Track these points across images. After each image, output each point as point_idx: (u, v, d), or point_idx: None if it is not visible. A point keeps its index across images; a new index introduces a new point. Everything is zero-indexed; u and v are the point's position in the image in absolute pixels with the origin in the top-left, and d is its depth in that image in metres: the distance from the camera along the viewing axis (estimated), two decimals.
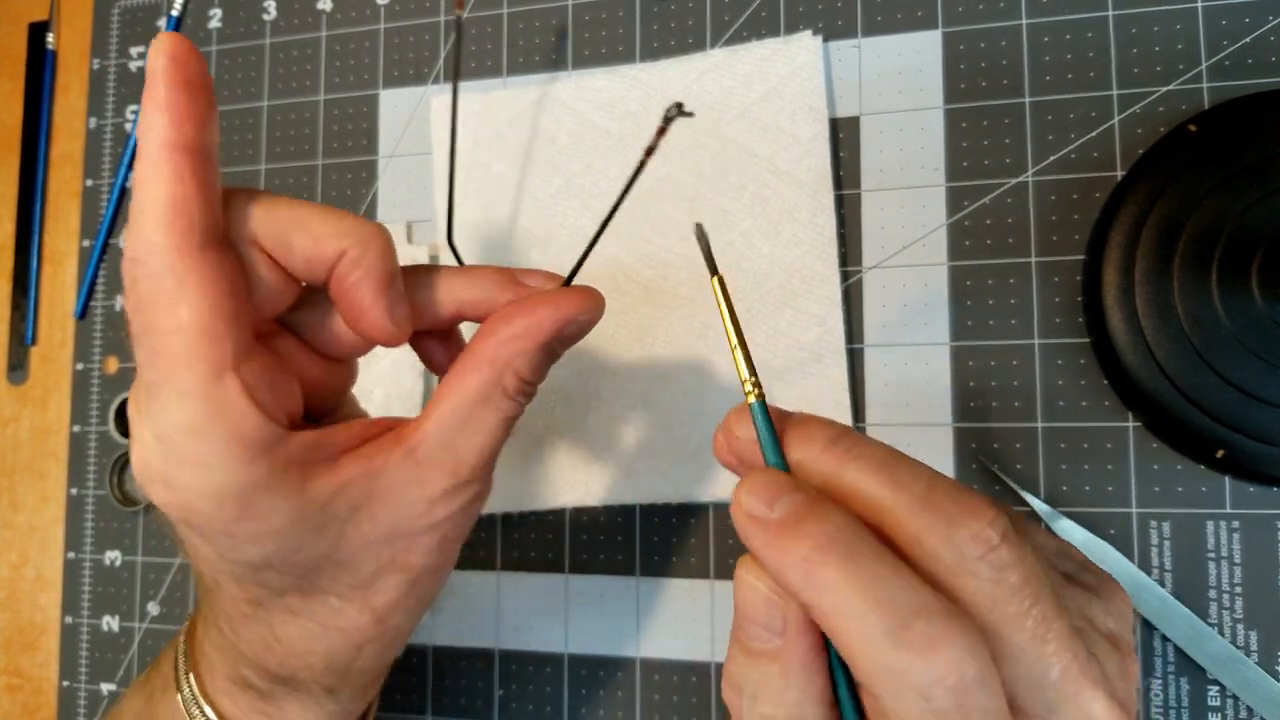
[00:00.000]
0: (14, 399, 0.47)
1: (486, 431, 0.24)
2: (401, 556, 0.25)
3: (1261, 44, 0.34)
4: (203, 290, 0.21)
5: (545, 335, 0.24)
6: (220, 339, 0.21)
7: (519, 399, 0.25)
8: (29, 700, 0.45)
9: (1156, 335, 0.32)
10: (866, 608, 0.17)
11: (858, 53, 0.37)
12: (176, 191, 0.21)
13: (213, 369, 0.21)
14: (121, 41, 0.47)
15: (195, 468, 0.21)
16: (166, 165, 0.21)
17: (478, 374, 0.24)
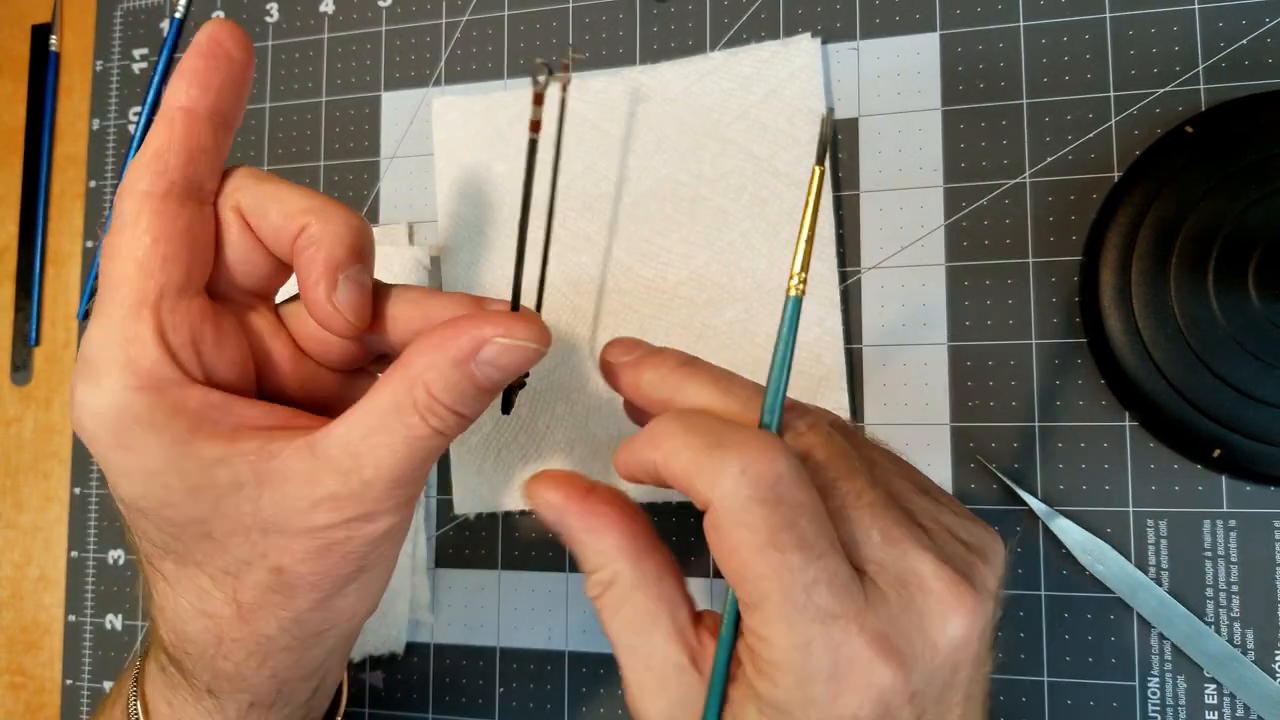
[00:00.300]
0: (18, 399, 0.47)
1: (390, 446, 0.23)
2: (274, 554, 0.23)
3: (1258, 46, 0.34)
4: (150, 227, 0.22)
5: (458, 351, 0.22)
6: (150, 274, 0.22)
7: (430, 419, 0.23)
8: (32, 699, 0.45)
9: (1153, 335, 0.32)
10: (694, 439, 0.21)
11: (856, 55, 0.37)
12: (162, 142, 0.23)
13: (135, 298, 0.22)
14: (124, 43, 0.47)
15: (90, 385, 0.22)
16: (164, 120, 0.23)
17: (390, 385, 0.23)
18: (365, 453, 0.22)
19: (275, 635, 0.24)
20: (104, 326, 0.22)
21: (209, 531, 0.23)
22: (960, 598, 0.21)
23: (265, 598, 0.24)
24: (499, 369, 0.23)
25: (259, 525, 0.23)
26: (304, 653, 0.25)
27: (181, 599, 0.24)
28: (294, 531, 0.23)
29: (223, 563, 0.23)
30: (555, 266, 0.39)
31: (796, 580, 0.20)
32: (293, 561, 0.23)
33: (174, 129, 0.23)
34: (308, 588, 0.24)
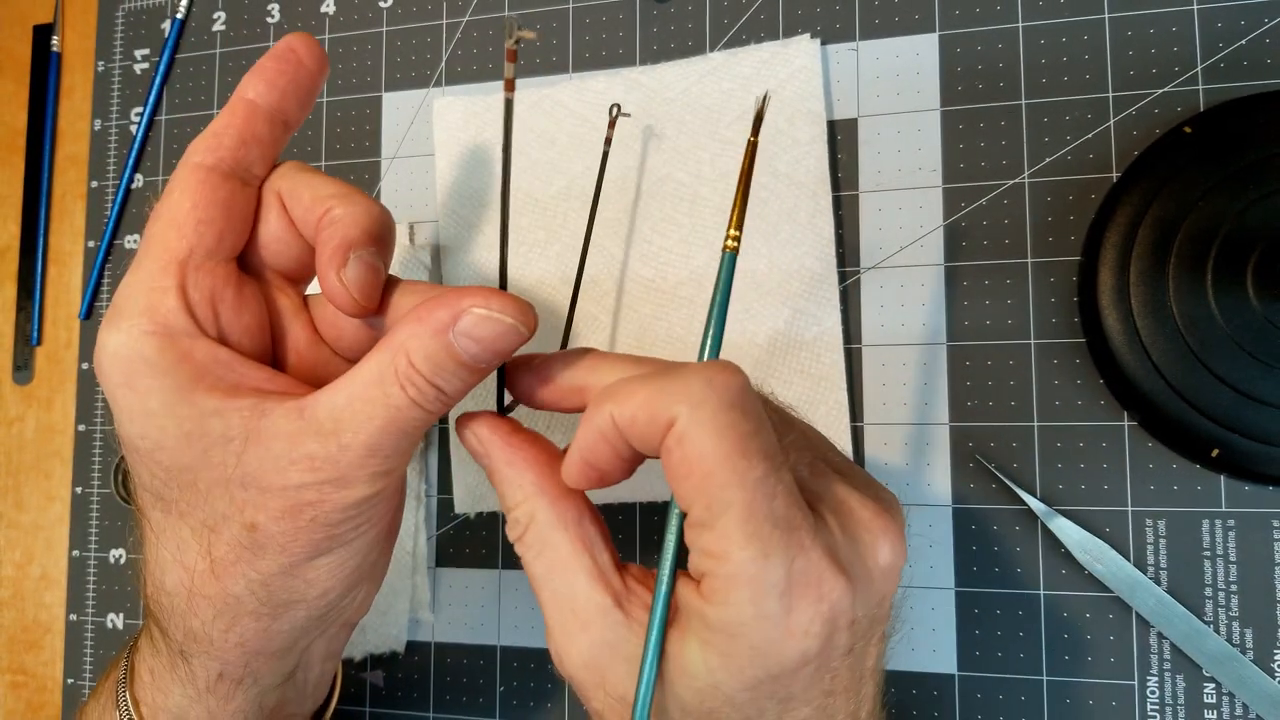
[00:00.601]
0: (19, 399, 0.47)
1: (368, 414, 0.23)
2: (250, 510, 0.24)
3: (1257, 46, 0.34)
4: (191, 194, 0.24)
5: (436, 322, 0.23)
6: (183, 234, 0.24)
7: (408, 389, 0.23)
8: (33, 697, 0.46)
9: (1152, 335, 0.32)
10: (649, 378, 0.22)
11: (855, 56, 0.38)
12: (221, 125, 0.25)
13: (166, 254, 0.24)
14: (126, 44, 0.47)
15: (110, 327, 0.24)
16: (229, 107, 0.25)
17: (375, 355, 0.23)
18: (346, 418, 0.23)
19: (242, 596, 0.25)
20: (134, 276, 0.24)
21: (194, 480, 0.24)
22: (886, 526, 0.22)
23: (237, 554, 0.24)
24: (475, 340, 0.23)
25: (239, 478, 0.23)
26: (271, 622, 0.25)
27: (164, 549, 0.25)
28: (270, 488, 0.23)
29: (203, 515, 0.24)
30: (555, 267, 0.39)
31: (761, 488, 0.20)
32: (266, 519, 0.24)
33: (234, 116, 0.25)
34: (277, 549, 0.24)
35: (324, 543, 0.24)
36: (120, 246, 0.46)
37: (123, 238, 0.46)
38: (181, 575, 0.25)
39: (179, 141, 0.46)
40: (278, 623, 0.25)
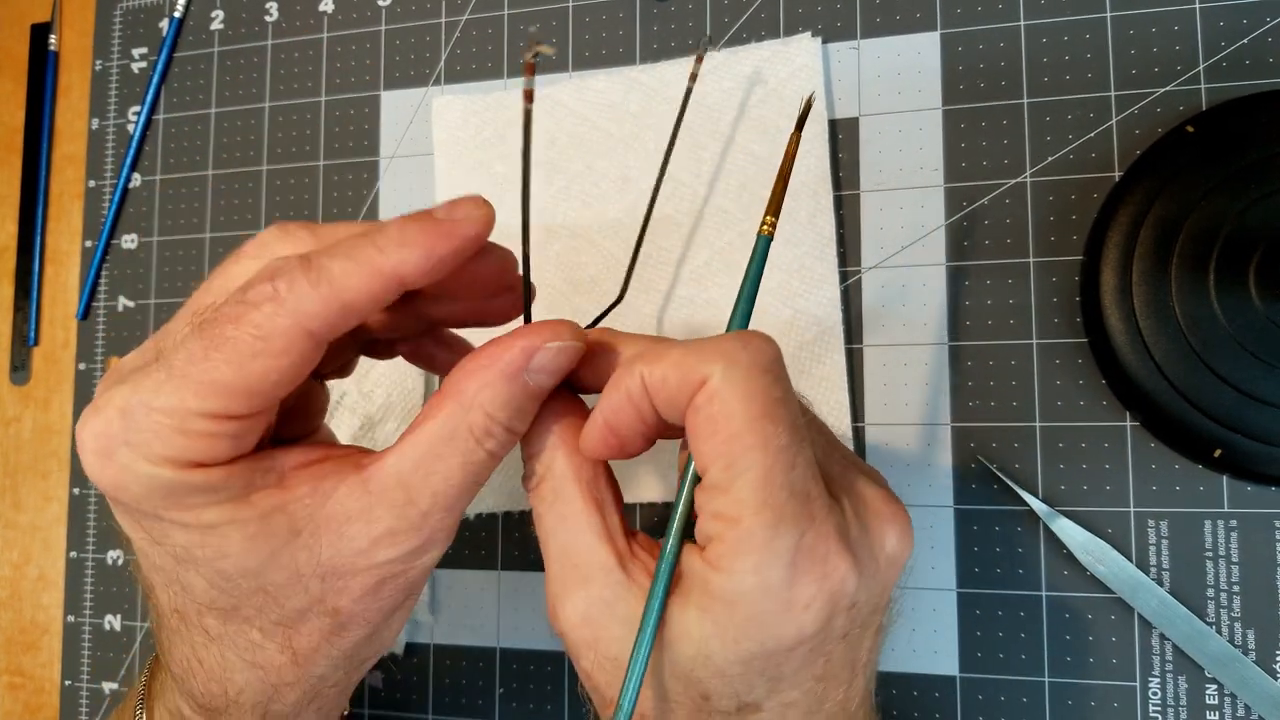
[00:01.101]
0: (17, 399, 0.47)
1: (444, 474, 0.22)
2: (331, 598, 0.23)
3: (1259, 45, 0.34)
4: (282, 360, 0.21)
5: (509, 365, 0.22)
6: (252, 400, 0.21)
7: (487, 442, 0.22)
8: (31, 699, 0.45)
9: (1154, 335, 0.32)
10: (684, 347, 0.22)
11: (857, 54, 0.37)
12: (349, 293, 0.21)
13: (219, 401, 0.21)
14: (124, 43, 0.47)
15: (141, 446, 0.21)
16: (368, 268, 0.21)
17: (442, 409, 0.22)
18: (419, 483, 0.22)
19: (327, 674, 0.24)
20: (173, 388, 0.21)
21: (263, 585, 0.22)
22: (895, 514, 0.22)
23: (319, 640, 0.23)
24: (550, 373, 0.23)
25: (317, 572, 0.22)
26: (349, 681, 0.25)
27: (228, 652, 0.24)
28: (352, 571, 0.23)
29: (276, 615, 0.23)
30: (555, 267, 0.39)
31: (783, 456, 0.20)
32: (349, 601, 0.23)
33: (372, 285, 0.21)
34: (361, 624, 0.24)
35: (403, 604, 0.24)
36: (118, 246, 0.46)
37: (120, 237, 0.46)
38: (259, 674, 0.24)
39: (177, 141, 0.46)
40: (353, 677, 0.26)
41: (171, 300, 0.45)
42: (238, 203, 0.44)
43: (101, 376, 0.46)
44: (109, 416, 0.21)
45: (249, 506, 0.22)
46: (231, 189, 0.45)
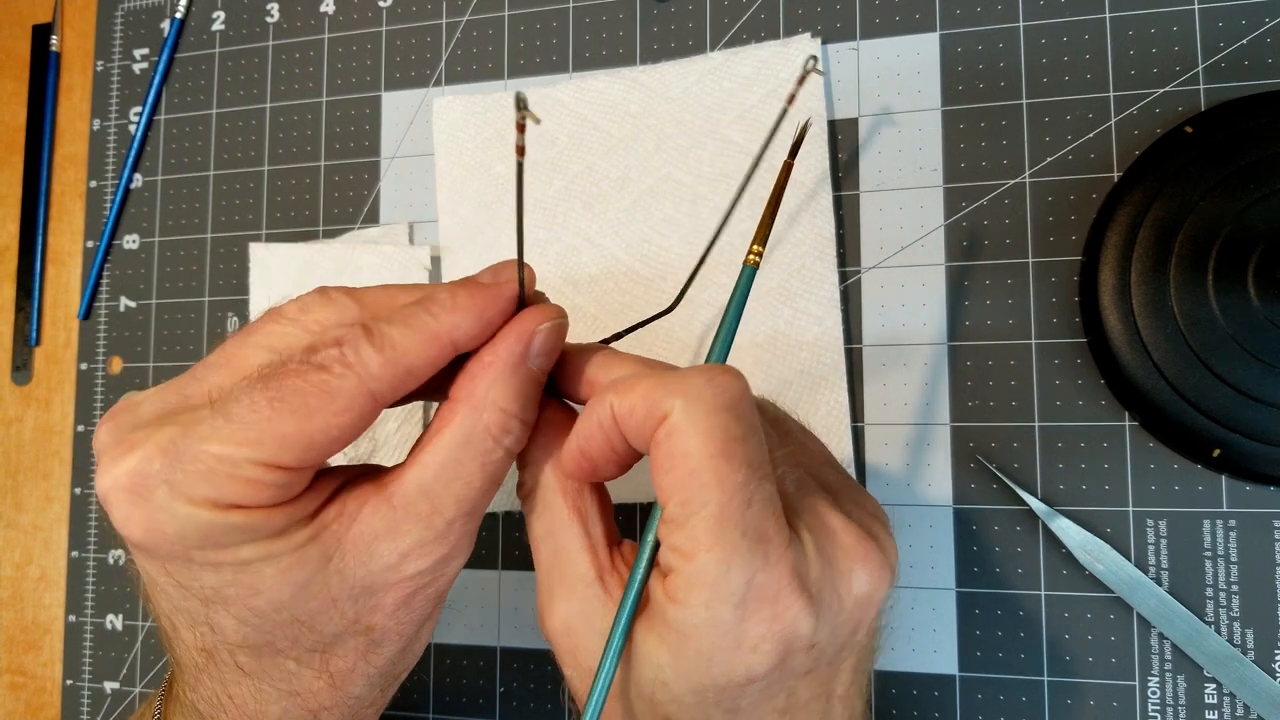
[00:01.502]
0: (18, 399, 0.47)
1: (466, 480, 0.23)
2: (365, 616, 0.23)
3: (1258, 46, 0.34)
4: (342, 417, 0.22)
5: (511, 356, 0.23)
6: (307, 451, 0.22)
7: (504, 439, 0.23)
8: (32, 699, 0.45)
9: (1153, 335, 0.32)
10: (651, 373, 0.22)
11: (856, 55, 0.37)
12: (410, 357, 0.22)
13: (265, 450, 0.21)
14: (125, 44, 0.47)
15: (183, 486, 0.21)
16: (426, 335, 0.22)
17: (456, 414, 0.23)
18: (441, 490, 0.23)
19: (364, 694, 0.25)
20: (227, 434, 0.21)
21: (296, 616, 0.23)
22: (868, 553, 0.22)
23: (355, 661, 0.24)
24: (545, 354, 0.24)
25: (349, 594, 0.23)
26: (383, 704, 0.26)
27: (264, 685, 0.24)
28: (383, 587, 0.23)
29: (311, 642, 0.23)
30: (555, 267, 0.39)
31: (738, 494, 0.20)
32: (383, 618, 0.23)
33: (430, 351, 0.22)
34: (395, 638, 0.24)
35: (433, 612, 0.25)
36: (119, 246, 0.46)
37: (121, 237, 0.46)
38: (296, 701, 0.24)
39: (178, 141, 0.46)
40: (388, 693, 0.26)
41: (172, 300, 0.45)
42: (239, 203, 0.45)
43: (103, 376, 0.46)
44: (148, 454, 0.21)
45: (284, 541, 0.22)
46: (233, 189, 0.45)
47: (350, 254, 0.41)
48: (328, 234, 0.43)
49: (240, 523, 0.21)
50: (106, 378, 0.46)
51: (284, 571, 0.22)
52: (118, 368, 0.46)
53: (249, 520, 0.21)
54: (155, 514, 0.21)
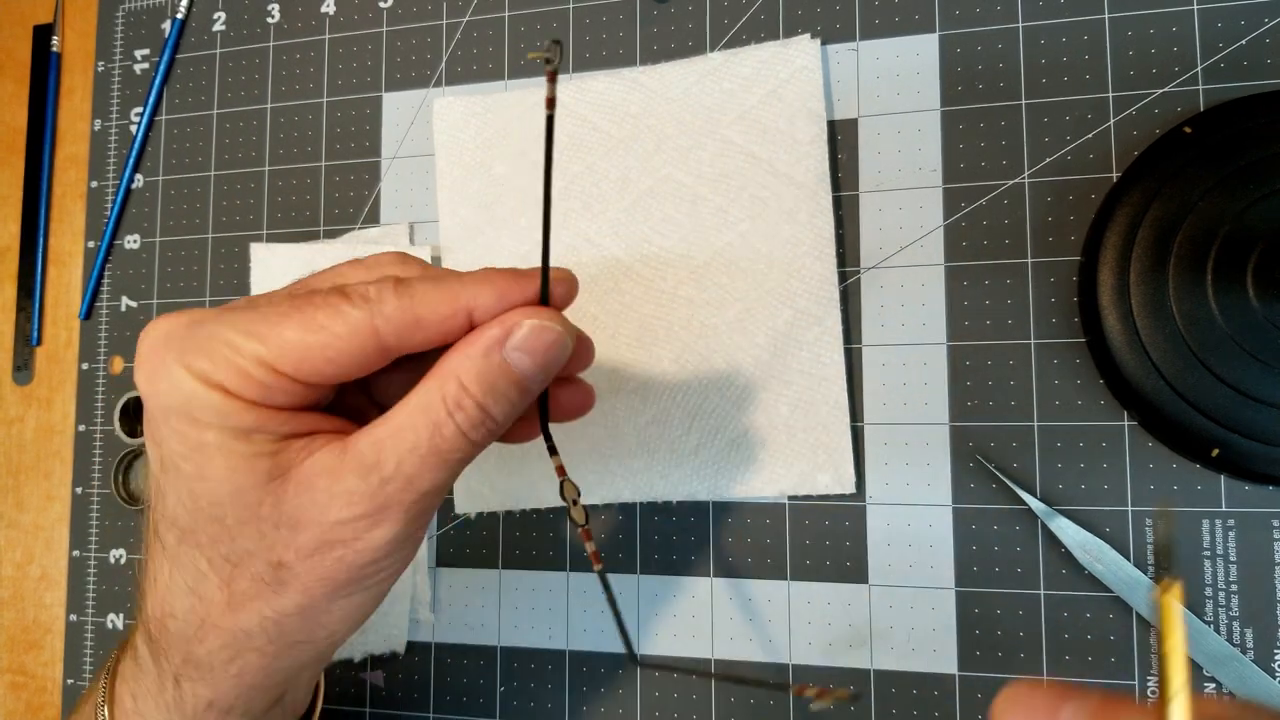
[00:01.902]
0: (19, 399, 0.47)
1: (413, 445, 0.23)
2: (279, 548, 0.23)
3: (1257, 46, 0.34)
4: (345, 345, 0.23)
5: (488, 340, 0.23)
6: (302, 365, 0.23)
7: (457, 414, 0.23)
8: (33, 698, 0.46)
9: (1152, 335, 0.32)
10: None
11: (856, 56, 0.38)
12: (432, 309, 0.23)
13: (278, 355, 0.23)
14: (126, 44, 0.47)
15: (188, 355, 0.22)
16: (446, 293, 0.23)
17: (423, 385, 0.23)
18: (389, 450, 0.23)
19: (253, 632, 0.24)
20: (244, 323, 0.23)
21: (223, 515, 0.23)
22: None
23: (257, 590, 0.24)
24: (527, 352, 0.23)
25: (273, 518, 0.23)
26: (273, 660, 0.25)
27: (177, 576, 0.25)
28: (305, 525, 0.23)
29: (226, 549, 0.24)
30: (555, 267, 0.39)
31: None
32: (294, 557, 0.23)
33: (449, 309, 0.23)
34: (299, 588, 0.24)
35: (345, 586, 0.24)
36: (120, 246, 0.46)
37: (122, 238, 0.46)
38: (195, 604, 0.24)
39: (179, 142, 0.46)
40: (280, 660, 0.25)
41: (173, 301, 0.45)
42: (240, 203, 0.45)
43: (104, 376, 0.46)
44: (180, 322, 0.23)
45: (245, 442, 0.23)
46: (234, 190, 0.45)
47: (351, 254, 0.41)
48: (328, 234, 0.43)
49: (217, 404, 0.22)
50: (108, 378, 0.46)
51: (231, 469, 0.23)
52: (119, 368, 0.46)
53: (225, 405, 0.22)
54: (157, 368, 0.23)
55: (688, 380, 0.37)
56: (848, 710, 0.35)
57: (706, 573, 0.37)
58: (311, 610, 0.24)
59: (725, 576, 0.37)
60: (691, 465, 0.37)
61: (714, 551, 0.37)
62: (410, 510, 0.24)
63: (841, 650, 0.36)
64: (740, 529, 0.37)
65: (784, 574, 0.37)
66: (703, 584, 0.37)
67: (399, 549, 0.24)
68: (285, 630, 0.24)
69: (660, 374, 0.38)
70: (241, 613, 0.24)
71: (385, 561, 0.24)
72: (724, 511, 0.37)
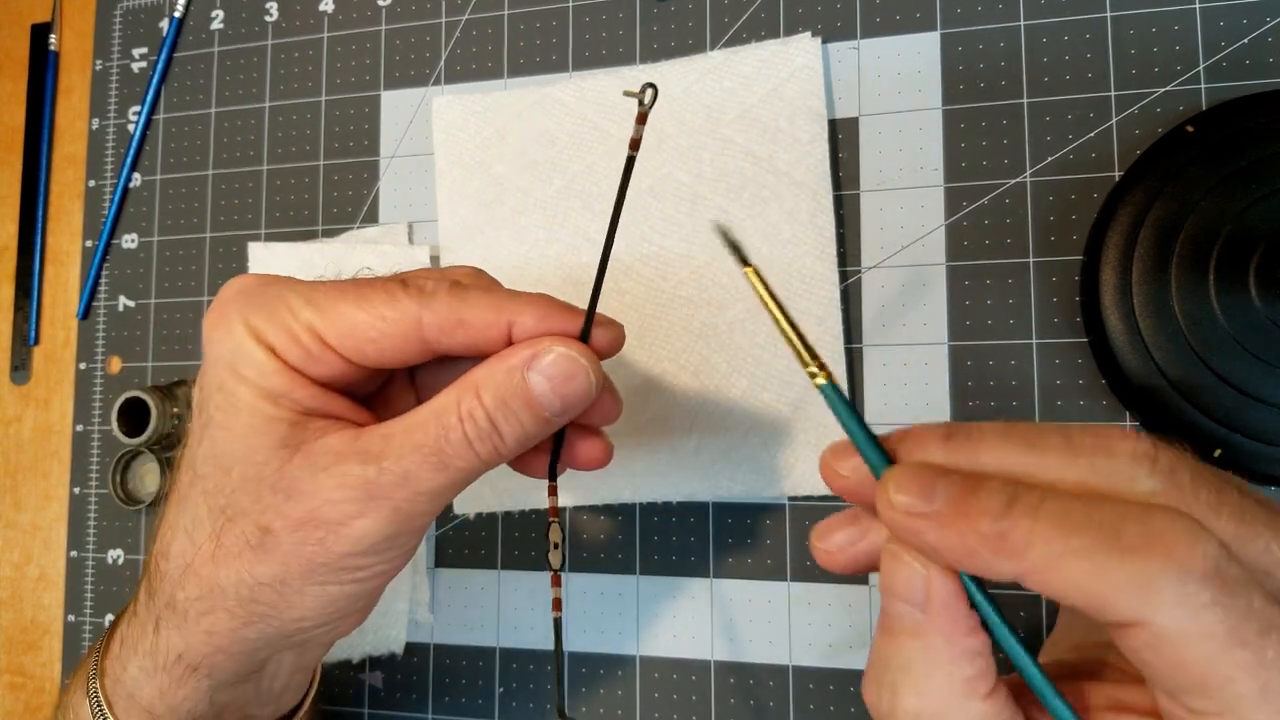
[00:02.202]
0: (17, 399, 0.47)
1: (419, 445, 0.24)
2: (270, 513, 0.24)
3: (1259, 45, 0.34)
4: (385, 320, 0.24)
5: (516, 359, 0.24)
6: (350, 341, 0.25)
7: (467, 423, 0.24)
8: (31, 699, 0.45)
9: (1154, 335, 0.32)
10: (1078, 540, 0.17)
11: (857, 54, 0.37)
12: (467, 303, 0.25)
13: (331, 328, 0.25)
14: (124, 43, 0.47)
15: (250, 311, 0.24)
16: (479, 301, 0.25)
17: (446, 391, 0.24)
18: (395, 444, 0.24)
19: (228, 589, 0.25)
20: (299, 297, 0.24)
21: (230, 468, 0.24)
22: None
23: (240, 549, 0.24)
24: (549, 379, 0.24)
25: (272, 482, 0.24)
26: (240, 626, 0.25)
27: (180, 515, 0.26)
28: (298, 495, 0.24)
29: (224, 502, 0.25)
30: (555, 267, 0.39)
31: (1272, 670, 0.17)
32: (281, 527, 0.24)
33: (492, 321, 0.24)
34: (278, 560, 0.24)
35: (321, 571, 0.24)
36: (118, 246, 0.46)
37: (120, 237, 0.46)
38: (186, 547, 0.25)
39: (177, 140, 0.46)
40: (246, 629, 0.25)
41: (171, 300, 0.45)
42: (238, 202, 0.44)
43: (102, 376, 0.46)
44: (257, 281, 0.25)
45: (271, 404, 0.24)
46: (232, 189, 0.45)
47: (349, 254, 0.41)
48: (327, 234, 0.43)
49: (260, 361, 0.24)
50: (105, 377, 0.46)
51: (252, 427, 0.24)
52: (116, 367, 0.45)
53: (266, 364, 0.24)
54: (220, 318, 0.24)
55: (688, 380, 0.37)
56: (848, 710, 0.35)
57: (706, 573, 0.37)
58: (284, 586, 0.24)
59: (725, 577, 0.37)
60: (691, 465, 0.37)
61: (714, 552, 0.37)
62: (400, 508, 0.24)
63: (842, 651, 0.36)
64: (740, 529, 0.37)
65: (784, 575, 0.36)
66: (703, 585, 0.37)
67: (382, 547, 0.24)
68: (257, 597, 0.25)
69: (660, 374, 0.37)
70: (222, 567, 0.25)
71: (365, 558, 0.24)
72: (724, 511, 0.37)
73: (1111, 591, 0.17)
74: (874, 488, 0.20)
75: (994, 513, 0.18)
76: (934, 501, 0.19)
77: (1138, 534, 0.17)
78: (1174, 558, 0.17)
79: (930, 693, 0.19)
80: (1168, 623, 0.17)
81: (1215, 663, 0.17)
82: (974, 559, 0.18)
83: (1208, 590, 0.17)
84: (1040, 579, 0.18)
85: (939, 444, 0.20)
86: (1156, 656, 0.17)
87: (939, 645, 0.19)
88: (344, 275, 0.27)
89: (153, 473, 0.43)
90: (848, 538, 0.22)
